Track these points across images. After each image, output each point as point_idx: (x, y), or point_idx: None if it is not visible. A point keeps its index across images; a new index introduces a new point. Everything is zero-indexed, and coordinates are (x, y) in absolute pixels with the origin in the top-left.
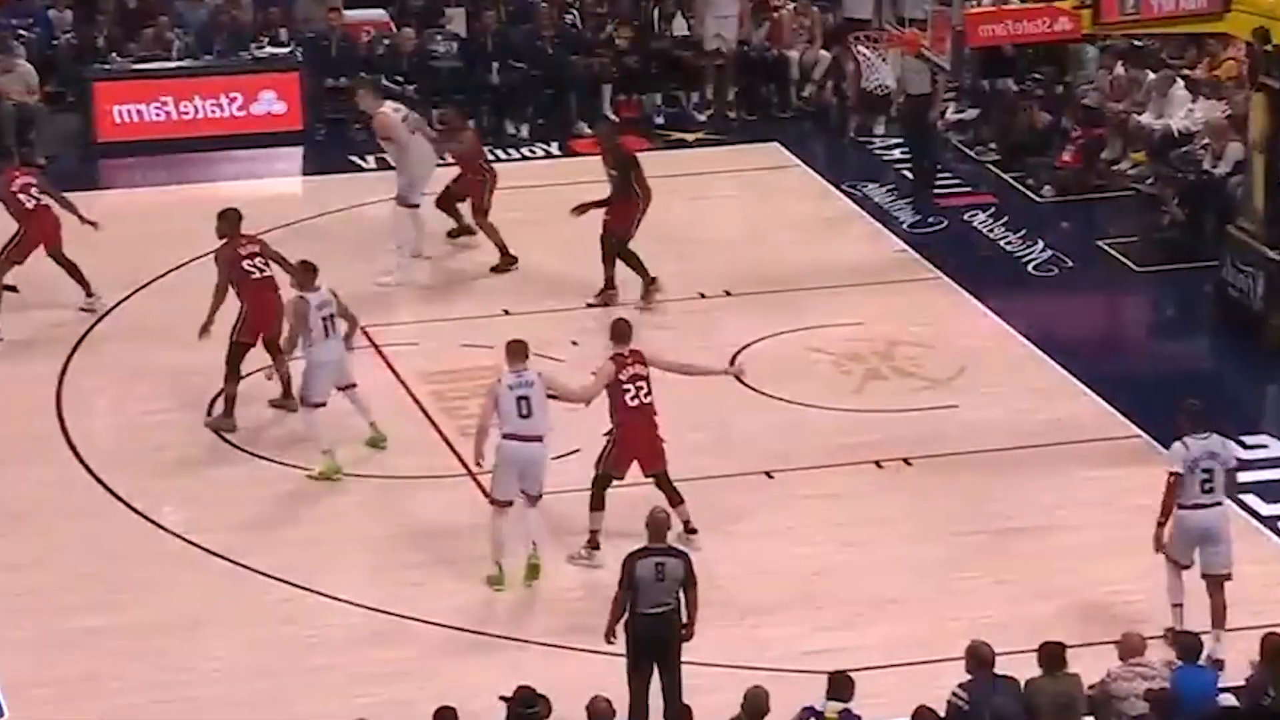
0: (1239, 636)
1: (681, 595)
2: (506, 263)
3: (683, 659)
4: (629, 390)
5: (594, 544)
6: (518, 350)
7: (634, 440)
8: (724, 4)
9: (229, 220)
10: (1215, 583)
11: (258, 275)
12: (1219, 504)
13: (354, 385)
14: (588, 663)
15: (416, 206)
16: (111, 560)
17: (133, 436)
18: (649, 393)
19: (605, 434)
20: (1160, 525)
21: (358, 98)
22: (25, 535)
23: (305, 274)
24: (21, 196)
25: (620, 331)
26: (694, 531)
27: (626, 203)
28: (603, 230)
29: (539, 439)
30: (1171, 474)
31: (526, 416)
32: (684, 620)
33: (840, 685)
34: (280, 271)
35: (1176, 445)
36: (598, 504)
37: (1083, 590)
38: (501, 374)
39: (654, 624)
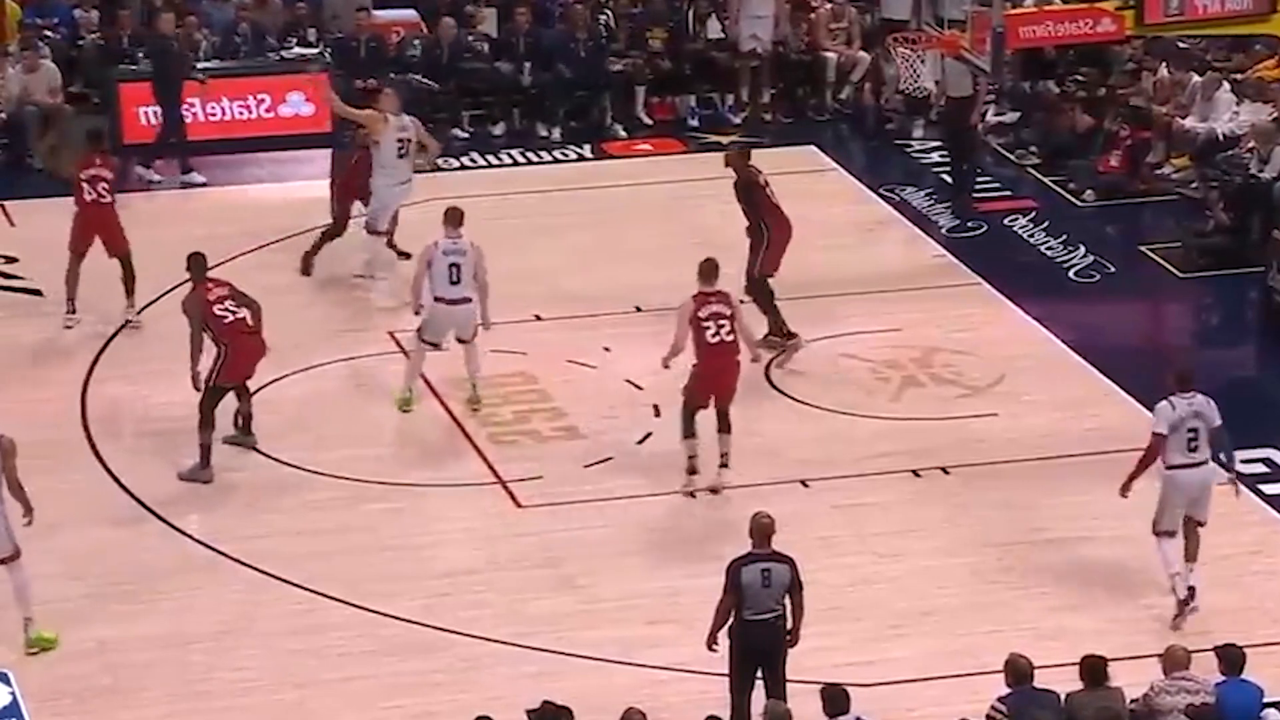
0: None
1: (787, 601)
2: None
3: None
4: (709, 327)
5: (692, 469)
6: (454, 216)
7: (711, 375)
8: (759, 4)
9: (197, 265)
10: (1191, 525)
11: (230, 319)
12: (1205, 462)
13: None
14: (623, 675)
15: (382, 234)
16: (139, 570)
17: (159, 443)
18: (730, 331)
19: (692, 365)
20: (1132, 478)
21: (383, 96)
22: (55, 544)
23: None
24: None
25: (705, 271)
26: (725, 466)
27: (757, 237)
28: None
29: (468, 300)
30: (1155, 434)
31: (456, 283)
32: (789, 627)
33: (835, 700)
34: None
35: (1163, 405)
36: (689, 431)
37: (1124, 602)
38: (438, 239)
39: (761, 631)
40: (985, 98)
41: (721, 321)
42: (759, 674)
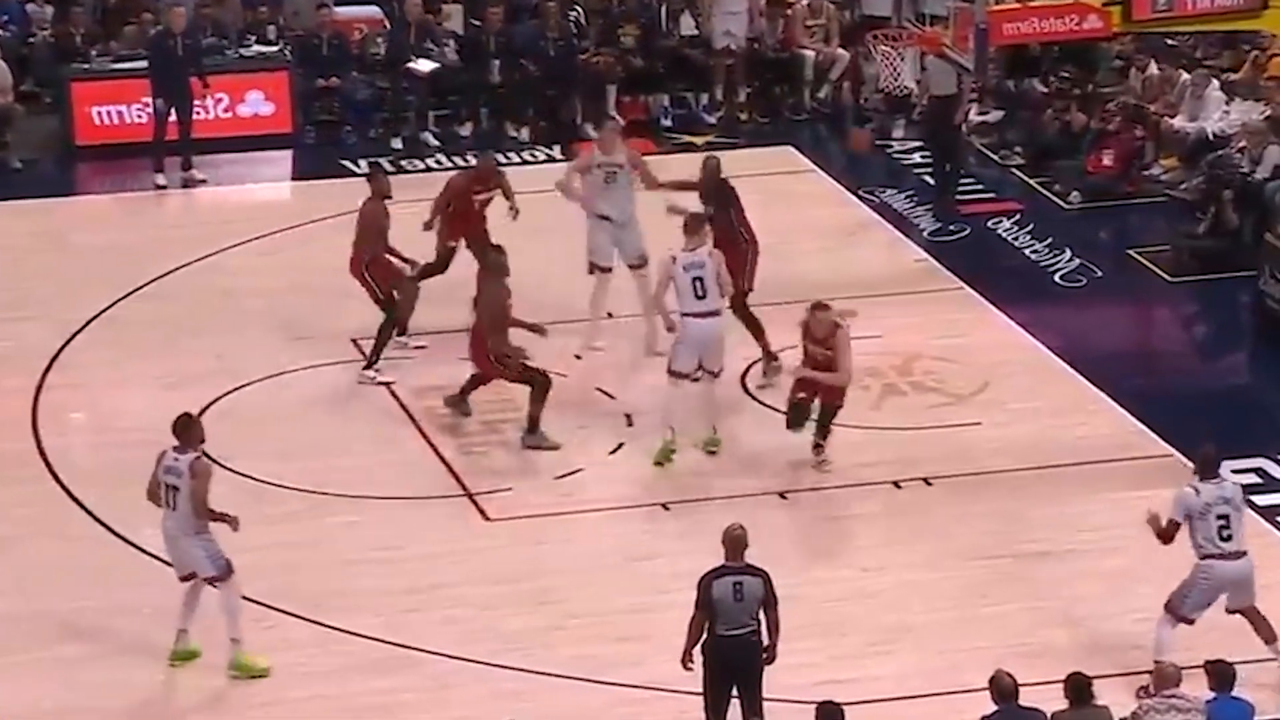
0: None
1: (762, 615)
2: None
3: (763, 684)
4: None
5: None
6: (693, 225)
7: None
8: (732, 0)
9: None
10: (1250, 612)
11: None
12: (1244, 552)
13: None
14: (597, 694)
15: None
16: (93, 586)
17: (112, 455)
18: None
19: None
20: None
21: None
22: (6, 559)
23: (689, 225)
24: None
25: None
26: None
27: (733, 248)
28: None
29: (717, 314)
30: (1170, 522)
31: (702, 297)
32: (766, 643)
33: (831, 717)
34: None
35: (1185, 490)
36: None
37: (1113, 617)
38: (675, 253)
39: (735, 647)
40: (969, 96)
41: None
42: (734, 692)
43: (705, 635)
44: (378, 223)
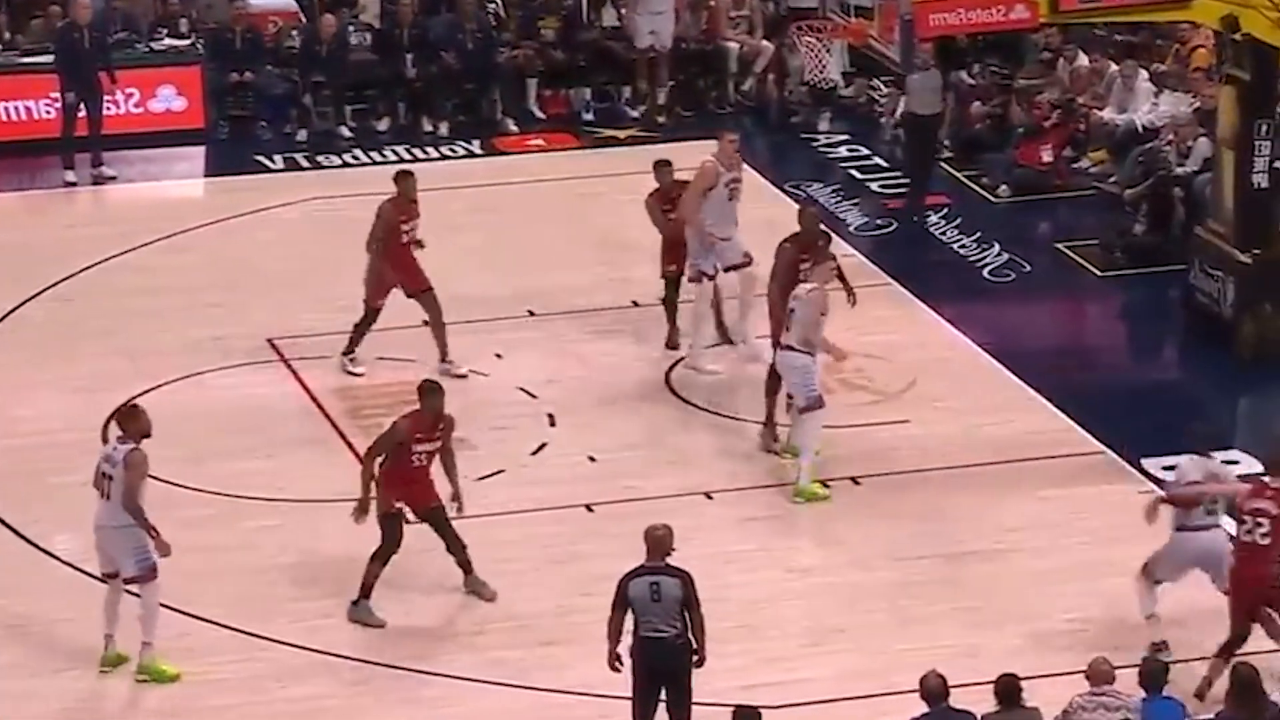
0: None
1: (688, 617)
2: None
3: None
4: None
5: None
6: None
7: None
8: (655, 1)
9: None
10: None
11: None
12: (1219, 525)
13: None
14: (520, 699)
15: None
16: (3, 593)
17: (20, 459)
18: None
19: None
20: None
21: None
22: None
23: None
24: None
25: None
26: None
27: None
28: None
29: (788, 349)
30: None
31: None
32: (694, 646)
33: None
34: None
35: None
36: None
37: (1044, 617)
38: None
39: (656, 649)
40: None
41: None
42: (661, 695)
43: (632, 637)
44: (389, 222)
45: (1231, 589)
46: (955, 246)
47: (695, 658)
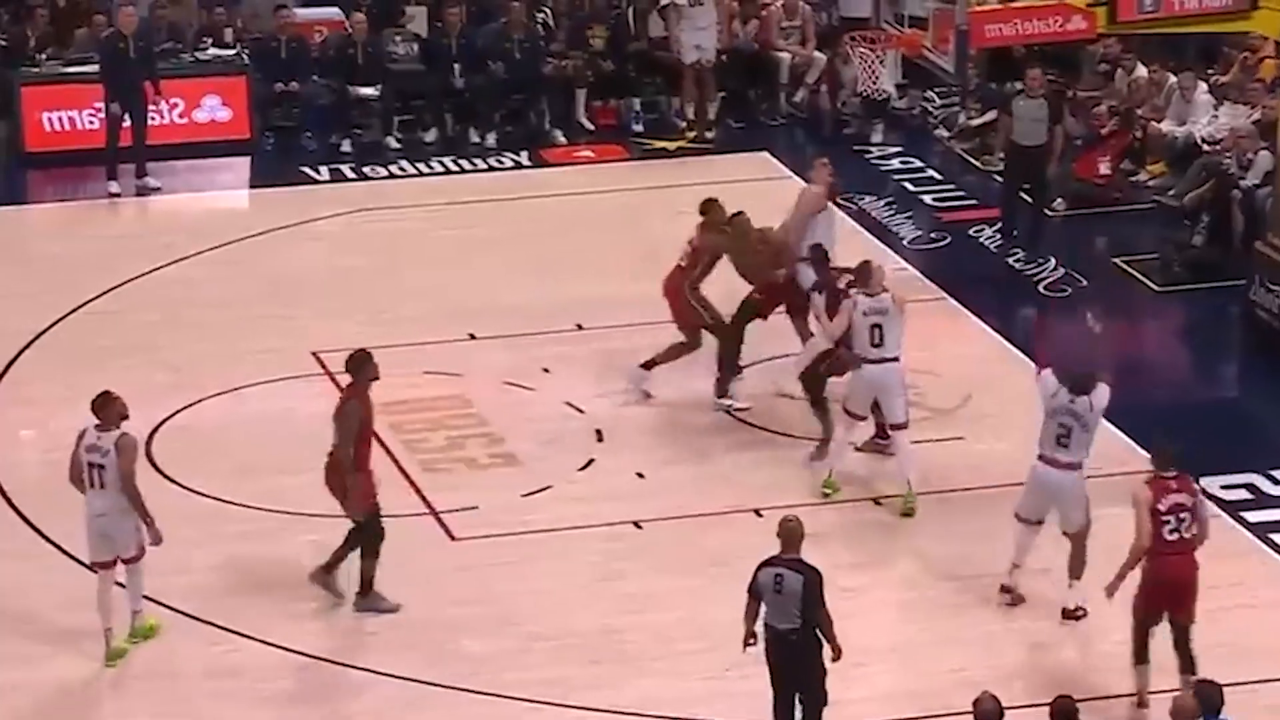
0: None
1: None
2: None
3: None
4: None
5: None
6: (873, 272)
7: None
8: (700, 15)
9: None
10: (1076, 539)
11: None
12: (1075, 466)
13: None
14: (564, 718)
15: None
16: (44, 608)
17: (61, 471)
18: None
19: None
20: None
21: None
22: None
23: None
24: None
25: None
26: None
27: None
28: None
29: (894, 360)
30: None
31: (879, 345)
32: (819, 644)
33: None
34: None
35: (1048, 378)
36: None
37: (1102, 638)
38: (857, 297)
39: (777, 641)
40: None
41: (1183, 514)
42: (797, 697)
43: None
44: (710, 253)
45: (1150, 590)
46: (1010, 260)
47: (833, 651)
